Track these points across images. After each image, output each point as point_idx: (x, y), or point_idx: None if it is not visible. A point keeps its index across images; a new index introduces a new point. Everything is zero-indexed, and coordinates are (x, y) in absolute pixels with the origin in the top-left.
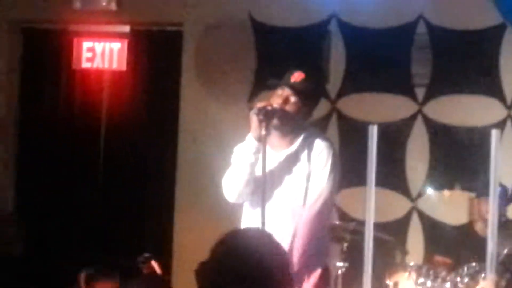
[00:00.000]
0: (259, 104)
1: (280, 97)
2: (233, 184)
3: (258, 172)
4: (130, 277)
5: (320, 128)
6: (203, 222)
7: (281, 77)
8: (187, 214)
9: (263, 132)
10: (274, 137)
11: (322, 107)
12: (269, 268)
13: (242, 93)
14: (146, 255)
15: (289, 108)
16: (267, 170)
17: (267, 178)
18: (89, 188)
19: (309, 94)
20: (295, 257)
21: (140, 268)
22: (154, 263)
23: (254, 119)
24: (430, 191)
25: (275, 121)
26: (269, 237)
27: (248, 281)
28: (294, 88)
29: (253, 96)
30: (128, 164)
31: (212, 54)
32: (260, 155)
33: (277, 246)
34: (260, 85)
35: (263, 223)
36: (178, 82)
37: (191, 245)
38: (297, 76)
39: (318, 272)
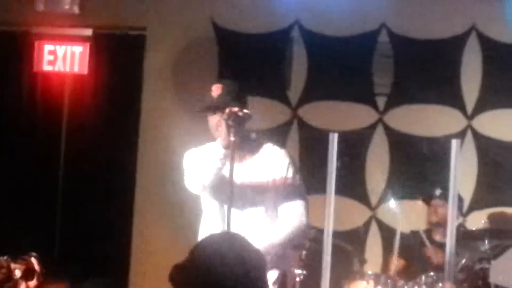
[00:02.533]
0: (228, 110)
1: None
2: (201, 184)
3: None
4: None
5: (281, 135)
6: (162, 224)
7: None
8: (146, 216)
9: (232, 138)
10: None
11: (283, 114)
12: (246, 273)
13: (203, 97)
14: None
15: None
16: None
17: (224, 185)
18: (48, 191)
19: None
20: None
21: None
22: (34, 260)
23: (223, 125)
24: (389, 200)
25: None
26: (246, 241)
27: (226, 284)
28: (218, 107)
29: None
30: (89, 167)
31: (174, 58)
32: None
33: (254, 250)
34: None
35: (228, 225)
36: (140, 86)
37: (150, 248)
38: (215, 90)
39: (275, 275)
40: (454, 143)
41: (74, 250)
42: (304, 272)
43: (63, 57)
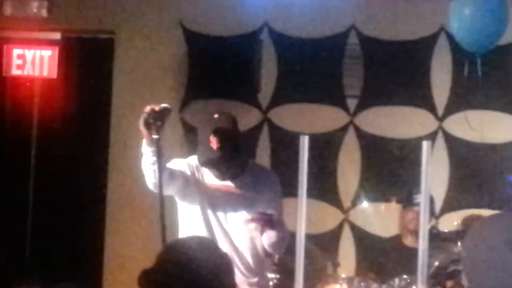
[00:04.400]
0: (147, 109)
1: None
2: (146, 177)
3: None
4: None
5: (251, 138)
6: (135, 228)
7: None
8: (119, 220)
9: (154, 136)
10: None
11: (254, 117)
12: (215, 276)
13: (173, 101)
14: None
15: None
16: (213, 195)
17: (213, 202)
18: (19, 195)
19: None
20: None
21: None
22: None
23: (141, 125)
24: (361, 202)
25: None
26: (215, 245)
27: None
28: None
29: (184, 104)
30: (60, 170)
31: (144, 62)
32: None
33: (222, 254)
34: (192, 93)
35: (163, 234)
36: (110, 89)
37: (123, 252)
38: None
39: (256, 280)
40: (425, 144)
41: (45, 254)
42: (278, 276)
43: (32, 61)
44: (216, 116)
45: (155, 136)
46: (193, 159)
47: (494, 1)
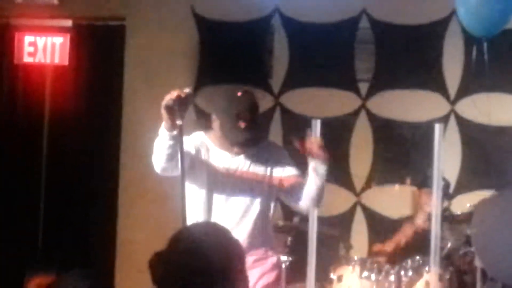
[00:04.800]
0: (169, 95)
1: None
2: (155, 158)
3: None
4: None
5: (263, 122)
6: (147, 215)
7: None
8: (131, 210)
9: (179, 122)
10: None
11: (266, 102)
12: (226, 263)
13: (185, 86)
14: None
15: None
16: (219, 169)
17: (219, 177)
18: (32, 183)
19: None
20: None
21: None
22: None
23: (165, 111)
24: (374, 185)
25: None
26: (228, 232)
27: (205, 273)
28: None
29: (196, 90)
30: (72, 159)
31: (155, 48)
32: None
33: (235, 242)
34: (204, 79)
35: (183, 217)
36: (121, 76)
37: (135, 242)
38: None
39: (274, 260)
40: (437, 127)
41: (58, 242)
42: (290, 258)
43: (44, 49)
44: (239, 94)
45: (179, 123)
46: (198, 137)
47: None
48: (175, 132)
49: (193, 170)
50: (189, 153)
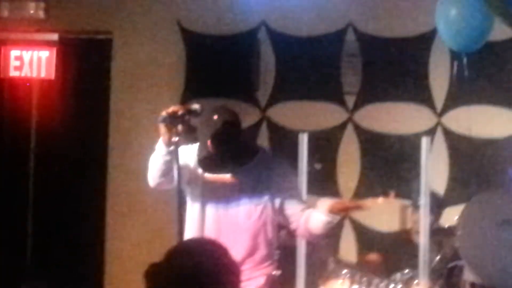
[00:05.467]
0: (164, 111)
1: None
2: (150, 173)
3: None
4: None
5: (250, 136)
6: (136, 225)
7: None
8: (119, 219)
9: (174, 139)
10: None
11: (252, 115)
12: (222, 283)
13: (172, 100)
14: None
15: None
16: (214, 182)
17: (213, 190)
18: (18, 197)
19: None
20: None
21: None
22: None
23: (161, 126)
24: (361, 198)
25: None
26: (228, 253)
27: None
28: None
29: (183, 103)
30: (60, 171)
31: (142, 61)
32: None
33: (233, 263)
34: (190, 93)
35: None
36: (108, 90)
37: (124, 250)
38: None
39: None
40: (424, 140)
41: (47, 259)
42: (279, 272)
43: (30, 63)
44: (215, 117)
45: (174, 139)
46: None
47: (477, 2)
48: (171, 148)
49: (189, 184)
50: (188, 166)
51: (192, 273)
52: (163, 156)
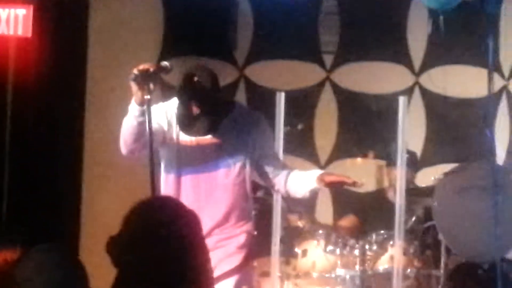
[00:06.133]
0: (135, 69)
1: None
2: (122, 140)
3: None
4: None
5: (228, 95)
6: (112, 187)
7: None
8: (95, 181)
9: (146, 97)
10: None
11: (230, 74)
12: (183, 234)
13: (150, 59)
14: None
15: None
16: (190, 140)
17: (189, 149)
18: None
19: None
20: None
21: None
22: None
23: (132, 84)
24: (338, 158)
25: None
26: (179, 203)
27: (159, 248)
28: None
29: (160, 62)
30: (36, 130)
31: (119, 18)
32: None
33: (188, 211)
34: (168, 51)
35: (154, 190)
36: (85, 47)
37: (100, 211)
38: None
39: (243, 239)
40: (401, 100)
41: (22, 215)
42: (255, 233)
43: (7, 20)
44: (195, 79)
45: (146, 97)
46: (171, 106)
47: None
48: (144, 107)
49: (163, 146)
50: (162, 127)
51: (148, 236)
52: (136, 118)
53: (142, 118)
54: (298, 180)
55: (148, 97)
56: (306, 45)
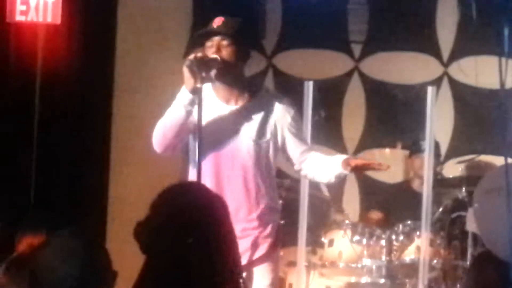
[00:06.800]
0: (192, 56)
1: (211, 47)
2: (161, 134)
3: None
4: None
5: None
6: (139, 172)
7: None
8: (123, 164)
9: (198, 85)
10: (222, 89)
11: (258, 63)
12: (209, 219)
13: (179, 46)
14: None
15: (224, 55)
16: (214, 121)
17: (212, 130)
18: (23, 143)
19: (236, 34)
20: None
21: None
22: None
23: (186, 71)
24: (366, 148)
25: (213, 72)
26: (205, 188)
27: (187, 233)
28: (220, 32)
29: (188, 50)
30: (64, 118)
31: (149, 7)
32: (196, 108)
33: (215, 196)
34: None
35: (199, 176)
36: (114, 35)
37: (127, 195)
38: (217, 21)
39: (269, 228)
40: (430, 90)
41: (49, 202)
42: (282, 222)
43: (36, 7)
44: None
45: (198, 85)
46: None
47: None
48: (194, 96)
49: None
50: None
51: (176, 221)
52: (185, 106)
53: (191, 107)
54: (324, 165)
55: (200, 85)
56: (335, 34)
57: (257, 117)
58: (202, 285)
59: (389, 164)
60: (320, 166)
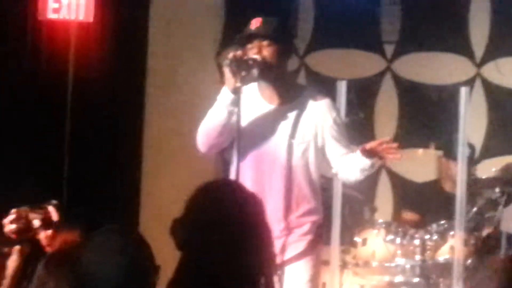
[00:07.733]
0: (231, 54)
1: (252, 49)
2: (205, 134)
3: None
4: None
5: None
6: (172, 169)
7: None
8: (155, 167)
9: (238, 84)
10: (266, 89)
11: (291, 63)
12: (244, 217)
13: (210, 44)
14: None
15: (266, 55)
16: (256, 120)
17: (254, 129)
18: (56, 141)
19: (276, 33)
20: (288, 211)
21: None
22: (52, 208)
23: (226, 71)
24: (399, 149)
25: (255, 72)
26: (241, 186)
27: (224, 231)
28: (260, 34)
29: (221, 50)
30: (96, 116)
31: (181, 5)
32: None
33: (250, 194)
34: (228, 39)
35: (237, 175)
36: (146, 33)
37: (160, 193)
38: (255, 23)
39: (308, 226)
40: (463, 91)
41: (82, 196)
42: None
43: (68, 5)
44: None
45: (237, 84)
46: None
47: None
48: (235, 96)
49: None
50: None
51: (213, 219)
52: (227, 107)
53: (232, 107)
54: (350, 161)
55: (240, 85)
56: (367, 34)
57: (299, 118)
58: (237, 281)
59: (423, 166)
60: (347, 164)
